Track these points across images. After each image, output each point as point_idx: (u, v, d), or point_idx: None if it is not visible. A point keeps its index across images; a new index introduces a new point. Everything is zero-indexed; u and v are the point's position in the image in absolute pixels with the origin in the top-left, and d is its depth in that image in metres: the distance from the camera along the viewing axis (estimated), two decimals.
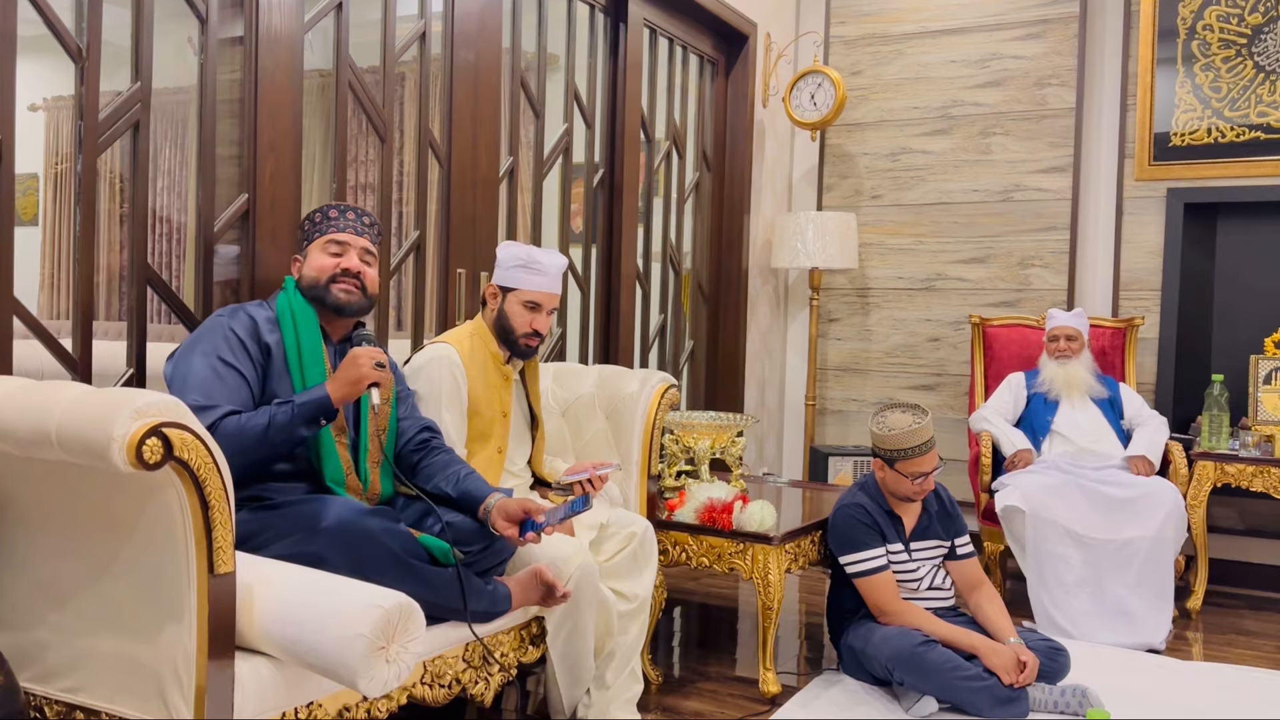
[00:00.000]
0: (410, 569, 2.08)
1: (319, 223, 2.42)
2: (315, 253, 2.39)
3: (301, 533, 2.02)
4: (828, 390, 5.33)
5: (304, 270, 2.39)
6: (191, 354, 2.19)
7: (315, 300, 2.35)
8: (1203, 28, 4.52)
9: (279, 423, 2.13)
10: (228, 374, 2.18)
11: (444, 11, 3.23)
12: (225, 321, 2.25)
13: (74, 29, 2.30)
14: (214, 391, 2.14)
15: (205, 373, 2.15)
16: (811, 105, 4.93)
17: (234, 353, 2.21)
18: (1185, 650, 3.64)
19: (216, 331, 2.22)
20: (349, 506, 2.08)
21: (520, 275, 2.69)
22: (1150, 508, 3.68)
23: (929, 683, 2.81)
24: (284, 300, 2.35)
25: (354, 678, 1.72)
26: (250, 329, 2.26)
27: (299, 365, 2.28)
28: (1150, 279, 4.67)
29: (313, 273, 2.37)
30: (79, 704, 1.82)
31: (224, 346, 2.20)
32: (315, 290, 2.35)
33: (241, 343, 2.23)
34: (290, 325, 2.31)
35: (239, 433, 2.09)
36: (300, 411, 2.15)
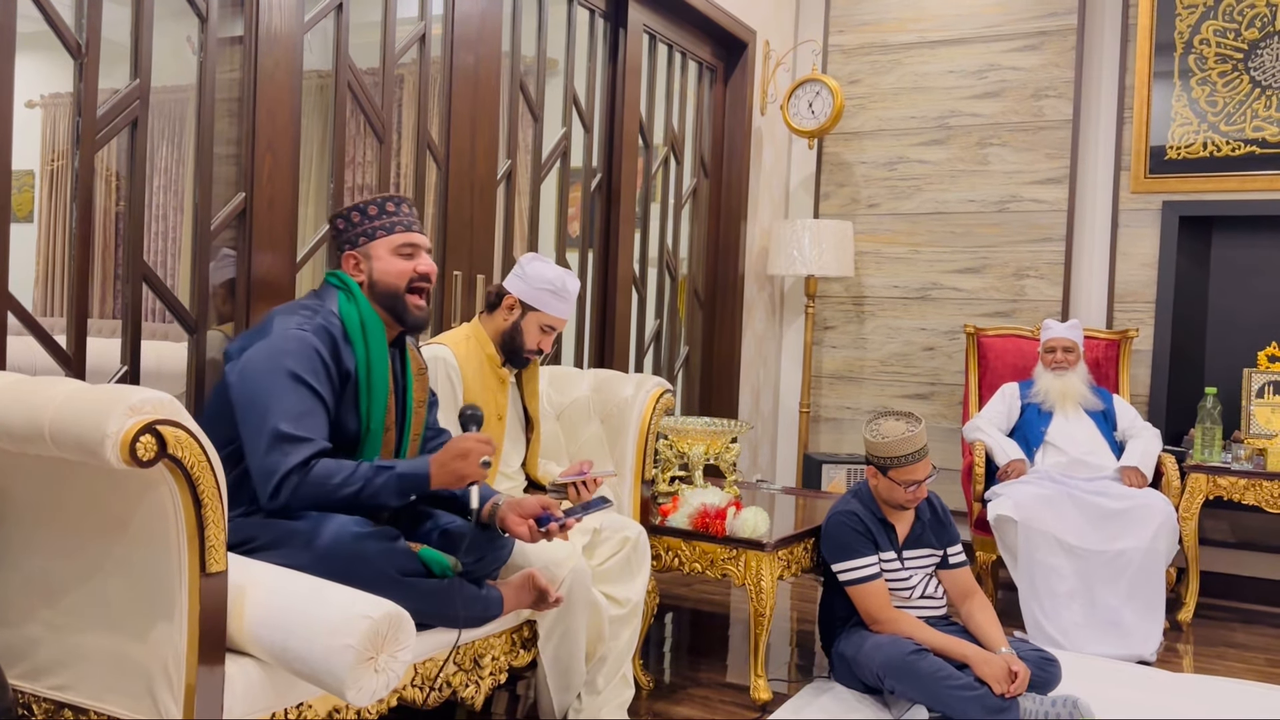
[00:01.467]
0: (404, 586, 2.03)
1: (376, 217, 2.25)
2: (384, 254, 2.23)
3: (296, 548, 1.99)
4: (822, 397, 5.34)
5: (374, 274, 2.22)
6: (277, 371, 2.04)
7: (388, 309, 2.22)
8: (1200, 42, 4.54)
9: (373, 489, 2.04)
10: (315, 405, 2.06)
11: (444, 14, 3.24)
12: (311, 340, 2.09)
13: (74, 25, 2.29)
14: (305, 422, 2.03)
15: (295, 398, 2.03)
16: (809, 113, 4.95)
17: (318, 378, 2.07)
18: (1176, 662, 3.64)
19: (304, 350, 2.07)
20: (347, 527, 2.01)
21: (547, 299, 2.70)
22: (1142, 519, 3.69)
23: (920, 691, 2.81)
24: (350, 309, 2.18)
25: (341, 687, 1.71)
26: (332, 350, 2.12)
27: (367, 386, 2.17)
28: (1145, 291, 4.68)
29: (388, 278, 2.21)
30: (68, 702, 1.81)
31: (310, 370, 2.06)
32: (391, 299, 2.21)
33: (326, 368, 2.10)
34: (361, 340, 2.17)
35: (326, 482, 2.01)
36: (400, 485, 2.07)
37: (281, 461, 2.01)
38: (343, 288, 2.23)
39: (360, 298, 2.21)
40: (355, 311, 2.18)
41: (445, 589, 2.13)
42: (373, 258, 2.23)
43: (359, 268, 2.25)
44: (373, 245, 2.24)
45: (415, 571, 2.08)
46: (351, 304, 2.19)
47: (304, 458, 2.01)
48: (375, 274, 2.22)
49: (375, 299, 2.22)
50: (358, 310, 2.18)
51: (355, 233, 2.25)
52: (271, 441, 2.01)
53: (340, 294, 2.22)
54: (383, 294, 2.22)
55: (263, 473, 2.02)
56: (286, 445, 2.01)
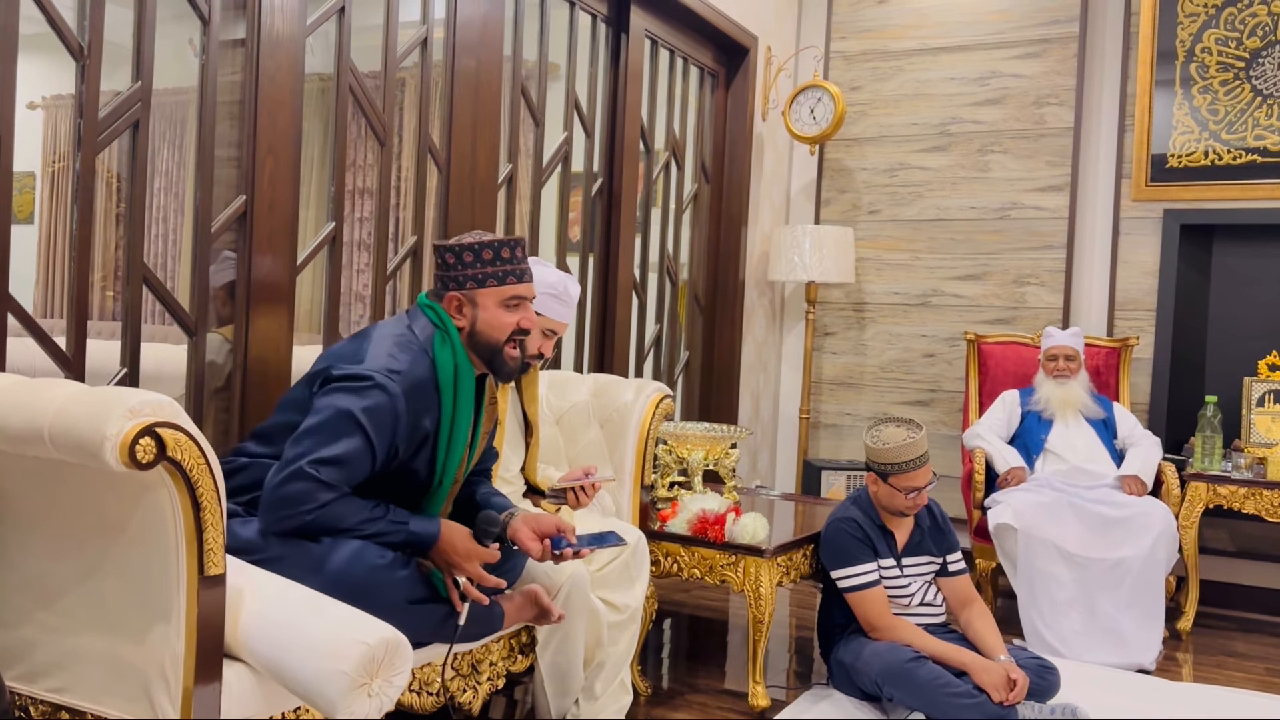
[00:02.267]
0: (410, 614, 2.02)
1: (490, 263, 2.17)
2: (491, 305, 2.16)
3: (306, 569, 1.97)
4: (822, 404, 5.33)
5: (478, 324, 2.16)
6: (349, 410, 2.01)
7: (483, 359, 2.18)
8: (1201, 51, 4.54)
9: (378, 532, 2.03)
10: (364, 456, 2.03)
11: (446, 18, 3.24)
12: (396, 404, 2.04)
13: (76, 27, 2.29)
14: (342, 470, 2.00)
15: (347, 443, 2.00)
16: (811, 119, 4.95)
17: (381, 433, 2.03)
18: (1175, 671, 3.64)
19: (381, 406, 2.03)
20: (361, 557, 1.99)
21: (549, 303, 2.68)
22: (1142, 528, 3.68)
23: (918, 699, 2.80)
24: (446, 356, 2.13)
25: (333, 710, 1.70)
26: (419, 410, 2.08)
27: (448, 442, 2.14)
28: (1146, 299, 4.68)
29: (491, 330, 2.16)
30: (65, 704, 1.81)
31: (376, 425, 2.02)
32: (489, 351, 2.17)
33: (396, 427, 2.05)
34: (451, 393, 2.12)
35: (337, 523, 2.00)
36: (408, 539, 2.06)
37: (308, 500, 1.98)
38: (440, 326, 2.16)
39: (459, 345, 2.15)
40: (451, 361, 2.13)
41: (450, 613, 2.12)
42: (479, 306, 2.17)
43: (462, 312, 2.18)
44: (481, 293, 2.17)
45: (423, 597, 2.07)
46: (447, 349, 2.14)
47: (321, 503, 1.99)
48: (479, 324, 2.16)
49: (472, 346, 2.17)
50: (453, 358, 2.13)
51: (464, 274, 2.17)
52: (310, 478, 1.98)
53: (437, 333, 2.16)
54: (482, 345, 2.17)
55: (277, 496, 2.00)
56: (320, 490, 1.98)
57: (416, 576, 2.07)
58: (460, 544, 2.10)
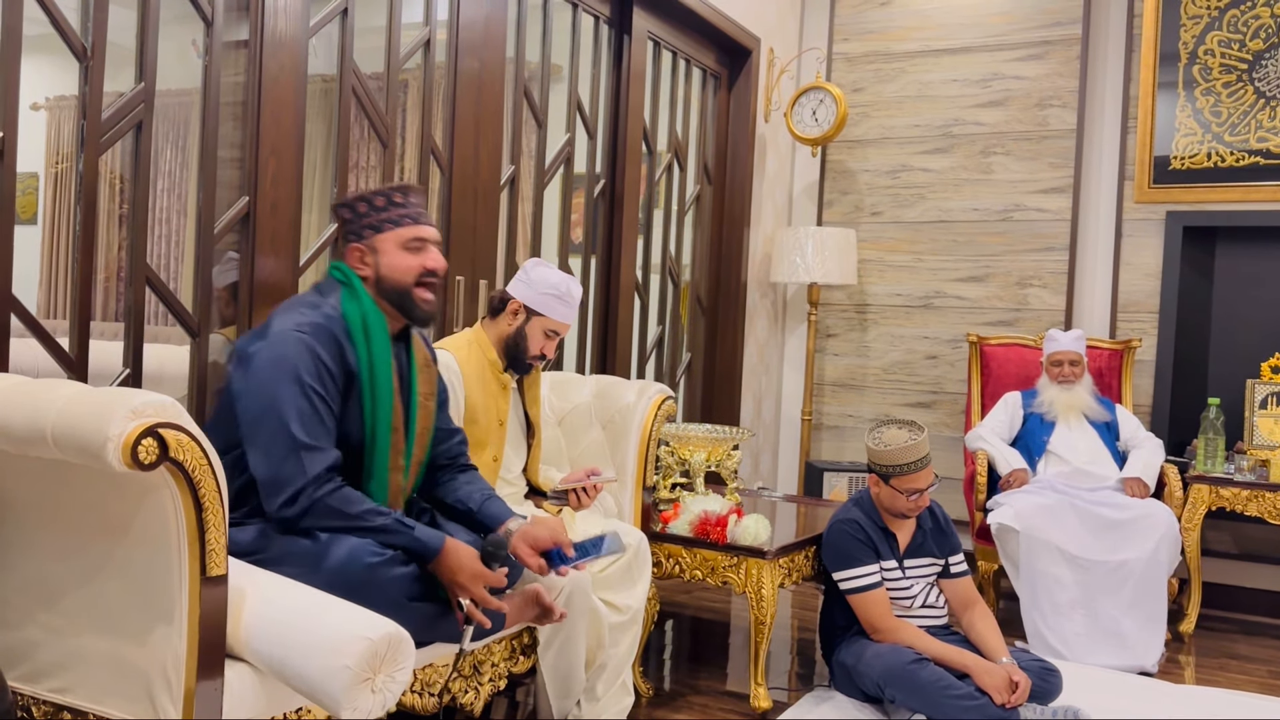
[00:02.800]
0: (410, 610, 2.02)
1: (384, 209, 2.16)
2: (392, 249, 2.15)
3: (304, 567, 1.97)
4: (824, 405, 5.33)
5: (381, 269, 2.15)
6: (282, 377, 1.99)
7: (395, 304, 2.16)
8: (1204, 52, 4.54)
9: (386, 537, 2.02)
10: (324, 411, 2.02)
11: (449, 20, 3.24)
12: (309, 342, 2.03)
13: (79, 28, 2.30)
14: (318, 430, 1.99)
15: (304, 404, 1.98)
16: (813, 121, 4.95)
17: (323, 383, 2.03)
18: (1177, 673, 3.63)
19: (304, 354, 2.02)
20: (359, 553, 1.99)
21: (552, 304, 2.69)
22: (1144, 530, 3.68)
23: (920, 701, 2.80)
24: (353, 307, 2.12)
25: (336, 707, 1.70)
26: (336, 354, 2.07)
27: (371, 388, 2.11)
28: (1148, 301, 4.68)
29: (396, 274, 2.15)
30: (67, 704, 1.81)
31: (314, 374, 2.01)
32: (398, 295, 2.16)
33: (330, 373, 2.05)
34: (363, 340, 2.11)
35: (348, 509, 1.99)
36: (410, 544, 2.04)
37: (298, 472, 1.97)
38: (346, 282, 2.16)
39: (364, 294, 2.14)
40: (358, 309, 2.12)
41: (449, 611, 2.12)
42: (379, 252, 2.16)
43: (364, 261, 2.17)
44: (379, 239, 2.16)
45: (421, 595, 2.07)
46: (354, 301, 2.13)
47: (323, 468, 1.98)
48: (382, 269, 2.16)
49: (381, 294, 2.16)
50: (360, 308, 2.12)
51: (361, 225, 2.17)
52: (288, 450, 1.97)
53: (344, 289, 2.15)
54: (390, 290, 2.16)
55: (276, 481, 1.99)
56: (304, 454, 1.97)
57: (416, 574, 2.06)
58: (467, 565, 2.08)
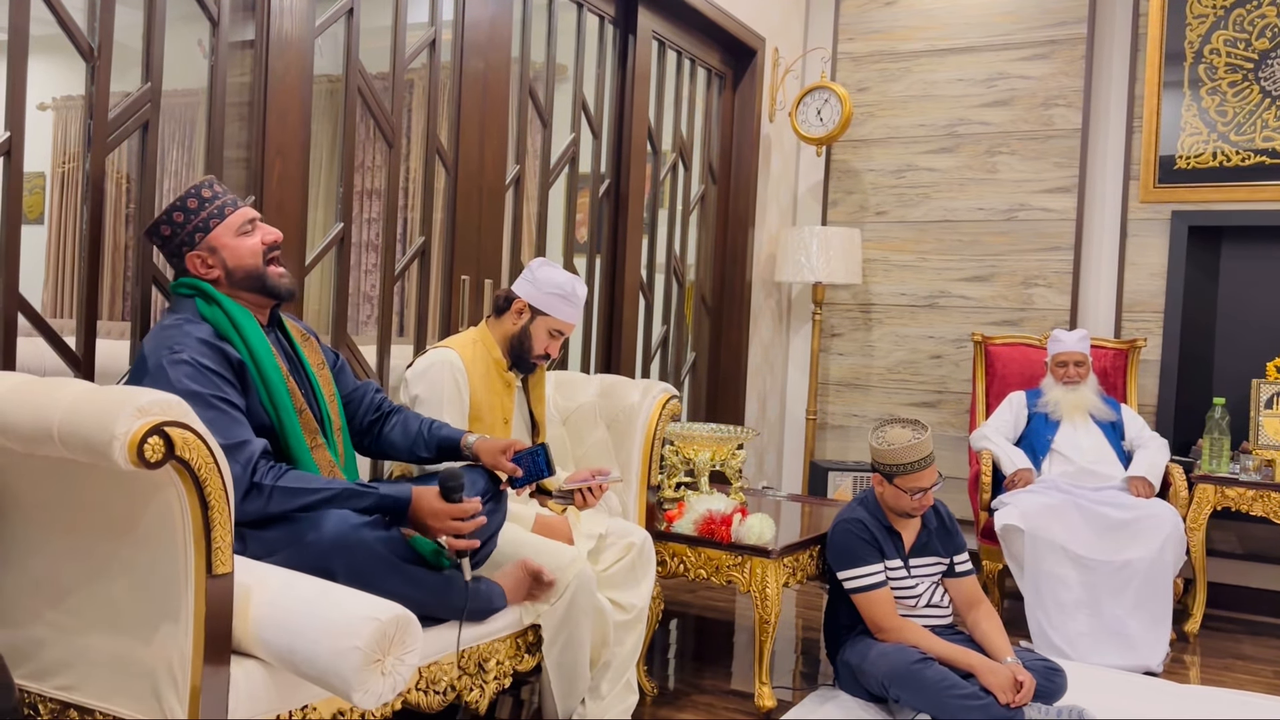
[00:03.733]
0: (408, 574, 2.06)
1: (199, 209, 2.11)
2: (229, 240, 2.12)
3: (295, 548, 1.98)
4: (829, 405, 5.33)
5: (229, 263, 2.11)
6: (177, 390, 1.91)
7: (255, 290, 2.13)
8: (1210, 52, 4.53)
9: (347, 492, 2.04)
10: (229, 408, 1.99)
11: (454, 20, 3.25)
12: (186, 356, 1.98)
13: (86, 29, 2.31)
14: (229, 429, 1.96)
15: (207, 414, 1.91)
16: (818, 120, 4.95)
17: (215, 385, 1.99)
18: (1182, 673, 3.63)
19: (186, 369, 1.97)
20: (345, 520, 2.02)
21: (557, 304, 2.70)
22: (1149, 530, 3.67)
23: (925, 700, 2.80)
24: (212, 312, 2.07)
25: (348, 690, 1.71)
26: (216, 357, 2.02)
27: (261, 377, 2.09)
28: (1153, 301, 4.67)
29: (245, 260, 2.12)
30: (73, 702, 1.82)
31: (203, 382, 1.97)
32: (254, 279, 2.12)
33: (216, 372, 2.00)
34: (235, 335, 2.07)
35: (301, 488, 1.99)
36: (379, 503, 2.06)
37: (237, 471, 1.95)
38: (196, 293, 2.11)
39: (219, 296, 2.09)
40: (220, 313, 2.07)
41: (446, 580, 2.15)
42: (220, 248, 2.12)
43: (209, 264, 2.12)
44: (212, 237, 2.12)
45: (412, 559, 2.10)
46: (212, 307, 2.08)
47: (253, 456, 1.97)
48: (230, 263, 2.12)
49: (237, 286, 2.12)
50: (222, 310, 2.08)
51: (188, 231, 2.12)
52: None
53: (196, 300, 2.10)
54: (244, 278, 2.13)
55: None
56: (230, 455, 1.92)
57: (400, 538, 2.09)
58: (438, 506, 2.11)
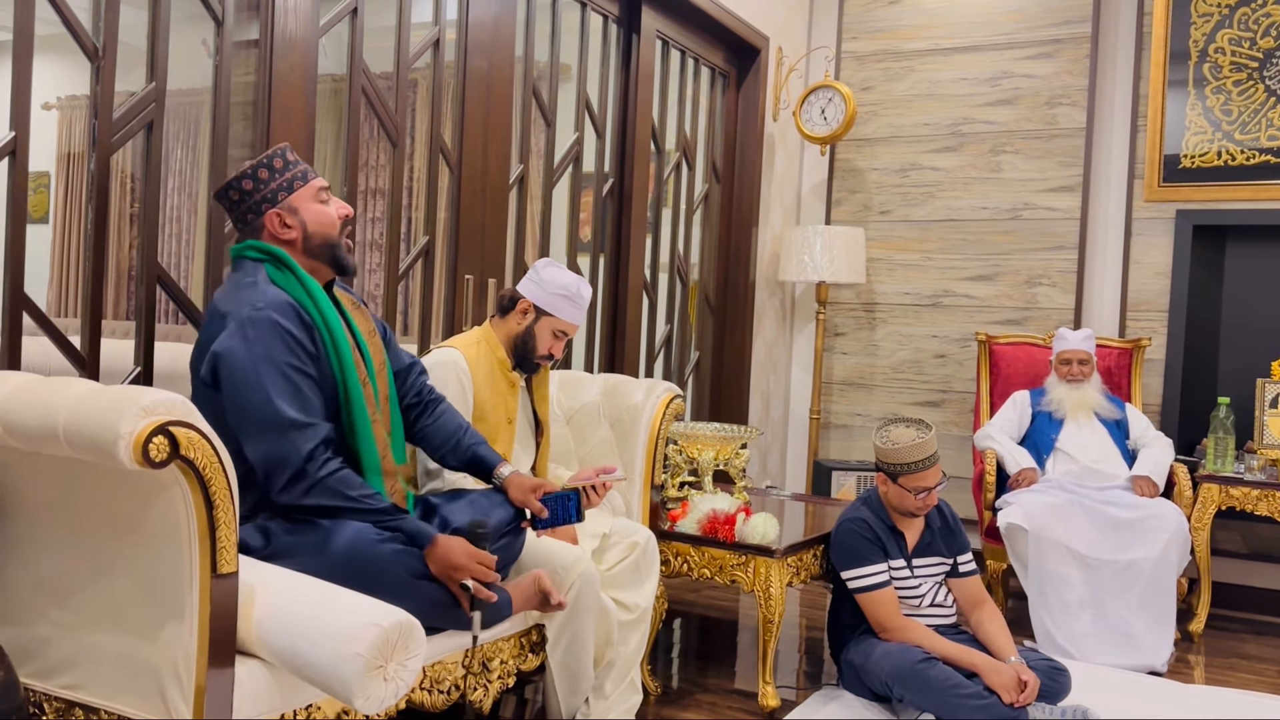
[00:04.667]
0: (419, 589, 2.05)
1: (283, 170, 2.11)
2: (309, 203, 2.11)
3: (309, 554, 1.99)
4: (832, 404, 5.33)
5: (309, 226, 2.10)
6: (258, 360, 1.96)
7: (326, 259, 2.13)
8: (1214, 51, 4.52)
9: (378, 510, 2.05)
10: (306, 385, 2.01)
11: (458, 19, 3.25)
12: (277, 319, 1.99)
13: (91, 28, 2.31)
14: (306, 405, 1.99)
15: (284, 382, 1.96)
16: (822, 120, 4.94)
17: (299, 357, 2.01)
18: (1187, 673, 3.62)
19: (275, 332, 1.99)
20: (362, 534, 2.02)
21: (562, 305, 2.70)
22: (1154, 529, 3.67)
23: (929, 700, 2.80)
24: (285, 278, 2.07)
25: (350, 695, 1.71)
26: (298, 324, 2.03)
27: (334, 349, 2.09)
28: (1158, 300, 4.66)
29: (323, 226, 2.11)
30: (78, 701, 1.82)
31: (290, 352, 1.99)
32: (328, 247, 2.12)
33: (301, 345, 2.02)
34: (311, 304, 2.06)
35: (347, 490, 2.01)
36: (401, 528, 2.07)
37: (293, 452, 1.97)
38: (267, 258, 2.09)
39: (290, 261, 2.08)
40: (292, 278, 2.07)
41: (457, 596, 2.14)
42: (300, 209, 2.10)
43: (287, 223, 2.10)
44: (294, 198, 2.10)
45: (426, 574, 2.09)
46: (283, 272, 2.07)
47: (318, 443, 1.99)
48: (310, 225, 2.11)
49: (309, 252, 2.11)
50: (294, 276, 2.07)
51: (270, 189, 2.10)
52: (279, 431, 1.97)
53: (266, 266, 2.08)
54: (320, 244, 2.12)
55: (273, 462, 1.98)
56: (294, 433, 1.97)
57: (417, 553, 2.09)
58: (458, 549, 2.10)
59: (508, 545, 2.33)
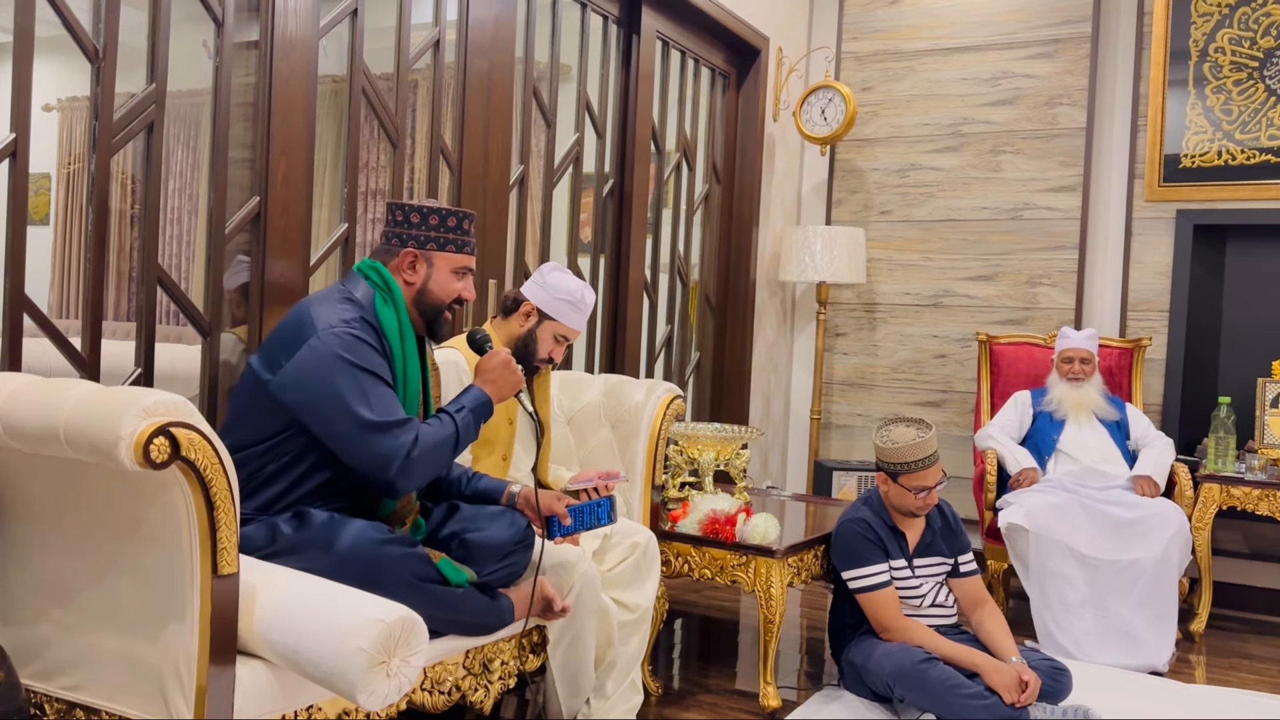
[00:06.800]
0: (419, 591, 2.05)
1: (452, 230, 2.23)
2: (444, 270, 2.23)
3: (313, 554, 1.99)
4: (833, 404, 5.33)
5: (430, 283, 2.22)
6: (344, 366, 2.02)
7: (427, 319, 2.25)
8: (1214, 50, 4.52)
9: (463, 428, 2.14)
10: (390, 390, 2.10)
11: (458, 20, 3.25)
12: (362, 335, 2.08)
13: (91, 30, 2.31)
14: (395, 407, 2.07)
15: (372, 386, 2.04)
16: (822, 120, 4.94)
17: (377, 367, 2.09)
18: (1188, 673, 3.62)
19: (360, 347, 2.06)
20: (365, 533, 2.03)
21: (566, 310, 2.71)
22: (1155, 529, 3.67)
23: (930, 700, 2.80)
24: (388, 314, 2.17)
25: (353, 691, 1.72)
26: (375, 339, 2.12)
27: (403, 387, 2.17)
28: (1158, 300, 4.66)
29: (440, 292, 2.23)
30: (79, 702, 1.82)
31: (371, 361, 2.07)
32: (433, 311, 2.24)
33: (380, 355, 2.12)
34: (399, 346, 2.17)
35: (441, 442, 2.09)
36: (474, 417, 2.17)
37: (396, 446, 2.03)
38: (381, 286, 2.19)
39: (400, 302, 2.19)
40: (393, 317, 2.17)
41: (459, 597, 2.14)
42: (434, 266, 2.22)
43: (415, 269, 2.21)
44: (439, 255, 2.22)
45: (430, 578, 2.09)
46: (389, 308, 2.17)
47: (415, 437, 2.05)
48: (431, 283, 2.22)
49: (417, 306, 2.23)
50: (396, 316, 2.18)
51: (425, 235, 2.22)
52: (377, 431, 2.02)
53: (377, 293, 2.18)
54: (428, 305, 2.23)
55: (377, 461, 2.04)
56: (395, 429, 2.04)
57: (423, 556, 2.10)
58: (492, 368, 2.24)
59: (515, 562, 2.33)
